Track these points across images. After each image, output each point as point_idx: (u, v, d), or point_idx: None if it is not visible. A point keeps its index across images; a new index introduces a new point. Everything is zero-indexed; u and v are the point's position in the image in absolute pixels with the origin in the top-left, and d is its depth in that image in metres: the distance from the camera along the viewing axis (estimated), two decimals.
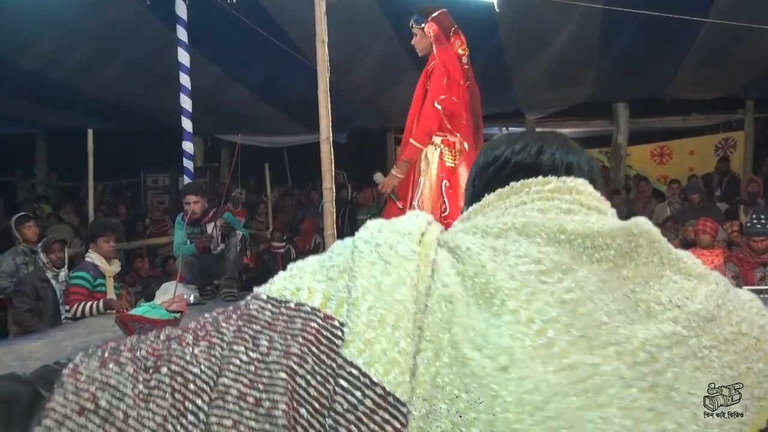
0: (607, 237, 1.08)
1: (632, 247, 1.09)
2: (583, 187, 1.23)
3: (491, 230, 1.14)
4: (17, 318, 6.78)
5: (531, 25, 9.45)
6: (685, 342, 1.02)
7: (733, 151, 14.42)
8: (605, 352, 0.98)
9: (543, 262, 1.05)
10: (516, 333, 0.98)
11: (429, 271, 1.06)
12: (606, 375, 0.96)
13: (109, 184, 16.09)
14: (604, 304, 1.01)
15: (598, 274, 1.05)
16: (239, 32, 8.92)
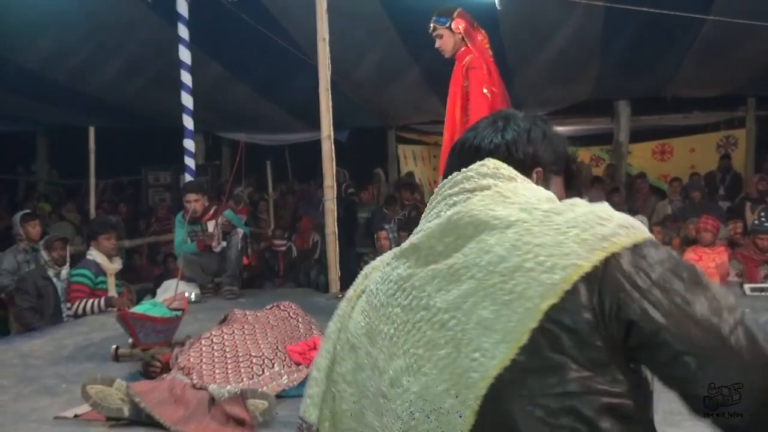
0: (431, 239, 1.34)
1: (452, 236, 1.31)
2: (473, 171, 1.41)
3: (397, 252, 1.41)
4: (19, 316, 6.78)
5: (532, 23, 9.44)
6: (478, 290, 1.23)
7: (735, 149, 14.40)
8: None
9: (395, 282, 1.35)
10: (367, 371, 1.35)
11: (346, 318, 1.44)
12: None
13: (110, 181, 16.08)
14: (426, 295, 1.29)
15: (429, 272, 1.31)
16: (240, 30, 8.91)
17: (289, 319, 4.22)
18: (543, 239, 1.21)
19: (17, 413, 3.35)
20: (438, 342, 1.24)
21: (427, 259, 1.32)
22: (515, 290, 1.19)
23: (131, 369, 4.07)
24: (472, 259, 1.26)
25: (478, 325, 1.20)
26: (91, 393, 3.08)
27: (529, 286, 1.18)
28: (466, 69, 4.78)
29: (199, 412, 3.09)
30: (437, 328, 1.25)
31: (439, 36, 4.81)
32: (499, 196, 1.32)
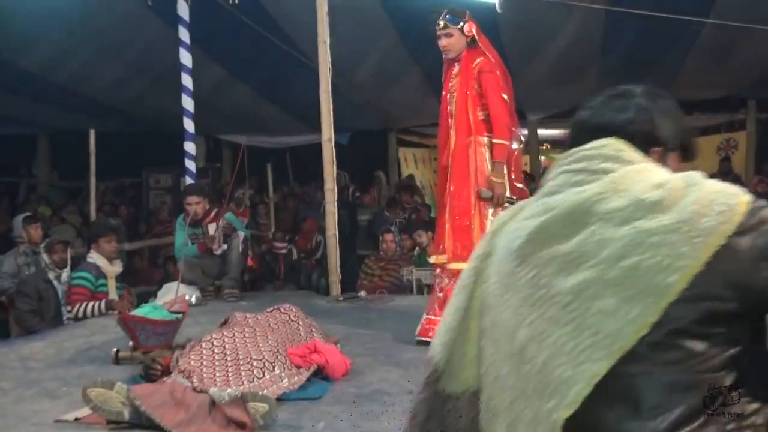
0: (552, 223, 1.49)
1: (570, 222, 1.46)
2: (596, 151, 1.56)
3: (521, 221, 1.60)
4: (19, 319, 6.78)
5: (532, 26, 9.44)
6: (598, 282, 1.38)
7: (735, 152, 14.39)
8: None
9: (519, 255, 1.52)
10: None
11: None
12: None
13: (111, 184, 16.08)
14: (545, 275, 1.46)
15: (548, 254, 1.47)
16: (241, 32, 8.92)
17: (290, 322, 4.22)
18: (656, 239, 1.36)
19: (18, 416, 3.35)
20: (560, 320, 1.41)
21: (547, 241, 1.48)
22: (636, 286, 1.35)
23: (132, 372, 4.07)
24: (589, 250, 1.42)
25: (599, 313, 1.37)
26: (91, 396, 3.08)
27: (648, 286, 1.34)
28: (477, 72, 4.77)
29: (200, 415, 3.09)
30: (559, 308, 1.42)
31: (449, 35, 4.78)
32: (616, 185, 1.46)
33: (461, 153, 4.76)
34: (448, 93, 4.94)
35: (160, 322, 4.38)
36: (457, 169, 4.76)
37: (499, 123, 4.75)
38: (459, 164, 4.75)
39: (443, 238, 4.85)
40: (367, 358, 4.29)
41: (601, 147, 1.56)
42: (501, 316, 1.52)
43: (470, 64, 4.80)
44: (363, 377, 3.84)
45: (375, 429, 3.00)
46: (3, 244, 8.94)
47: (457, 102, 4.78)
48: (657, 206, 1.39)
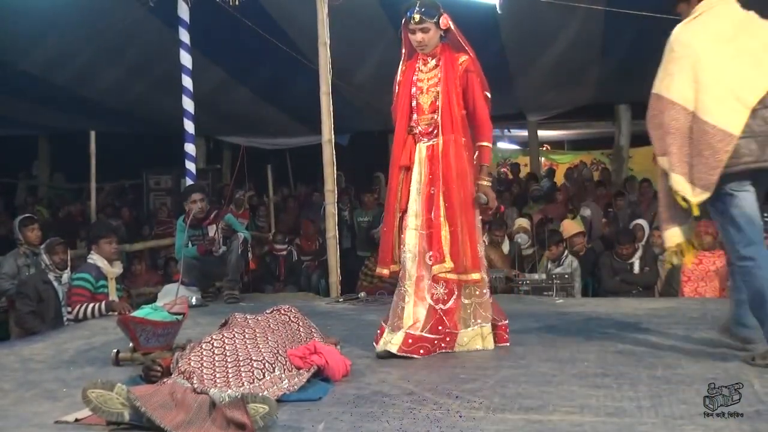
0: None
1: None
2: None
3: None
4: (19, 320, 6.78)
5: (533, 27, 9.44)
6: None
7: None
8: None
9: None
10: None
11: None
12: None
13: (111, 185, 16.10)
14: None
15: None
16: (241, 34, 8.92)
17: (290, 323, 4.22)
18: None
19: (18, 417, 3.35)
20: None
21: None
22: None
23: (132, 373, 4.06)
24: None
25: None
26: (91, 397, 3.07)
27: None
28: (464, 71, 4.58)
29: (200, 417, 3.08)
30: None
31: (426, 30, 4.54)
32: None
33: (446, 152, 4.52)
34: (417, 88, 4.65)
35: (160, 323, 4.38)
36: (445, 169, 4.50)
37: (486, 125, 4.62)
38: (446, 164, 4.51)
39: (435, 245, 4.45)
40: (367, 359, 4.29)
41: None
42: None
43: (455, 62, 4.60)
44: (363, 378, 3.84)
45: (375, 430, 3.00)
46: (3, 246, 8.95)
47: (443, 99, 4.56)
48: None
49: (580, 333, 4.90)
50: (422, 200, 4.56)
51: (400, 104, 4.73)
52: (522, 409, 3.20)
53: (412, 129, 4.66)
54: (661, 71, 3.98)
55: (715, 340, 4.50)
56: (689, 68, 3.82)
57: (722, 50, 3.82)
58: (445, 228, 4.47)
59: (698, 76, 3.78)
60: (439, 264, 4.44)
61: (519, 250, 9.09)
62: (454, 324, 4.47)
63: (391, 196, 4.69)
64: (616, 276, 8.14)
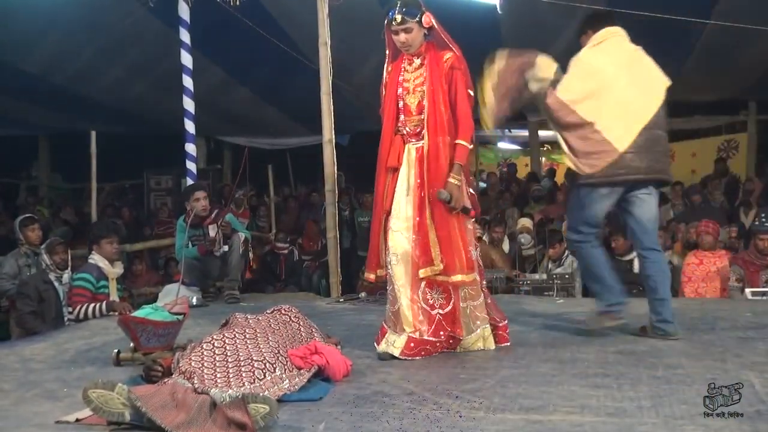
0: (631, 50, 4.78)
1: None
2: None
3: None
4: (20, 320, 6.78)
5: (533, 27, 9.44)
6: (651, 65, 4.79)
7: (736, 153, 14.41)
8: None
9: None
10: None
11: None
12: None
13: (111, 185, 16.11)
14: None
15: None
16: (242, 34, 8.92)
17: (290, 323, 4.22)
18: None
19: (18, 417, 3.35)
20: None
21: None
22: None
23: (132, 373, 4.06)
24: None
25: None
26: (92, 397, 3.08)
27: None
28: (449, 68, 4.46)
29: (201, 417, 3.09)
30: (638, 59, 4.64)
31: (409, 30, 4.41)
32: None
33: (435, 154, 4.41)
34: (403, 89, 4.55)
35: (160, 323, 4.38)
36: (434, 172, 4.38)
37: (465, 123, 4.45)
38: (435, 166, 4.39)
39: (422, 248, 4.38)
40: (368, 360, 4.29)
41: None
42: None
43: (440, 60, 4.49)
44: (364, 378, 3.84)
45: (375, 430, 3.00)
46: (3, 246, 8.96)
47: (429, 99, 4.44)
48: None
49: (580, 333, 4.90)
50: (414, 203, 4.46)
51: (387, 106, 4.63)
52: (522, 409, 3.20)
53: (400, 130, 4.58)
54: (567, 83, 4.67)
55: (715, 340, 4.51)
56: (594, 86, 4.57)
57: (620, 76, 4.59)
58: (432, 231, 4.38)
59: (600, 95, 4.53)
60: (428, 267, 4.37)
61: (520, 250, 9.09)
62: (458, 329, 4.43)
63: (378, 198, 4.62)
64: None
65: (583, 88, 4.59)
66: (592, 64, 4.70)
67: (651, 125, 4.56)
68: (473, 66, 4.78)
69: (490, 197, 12.94)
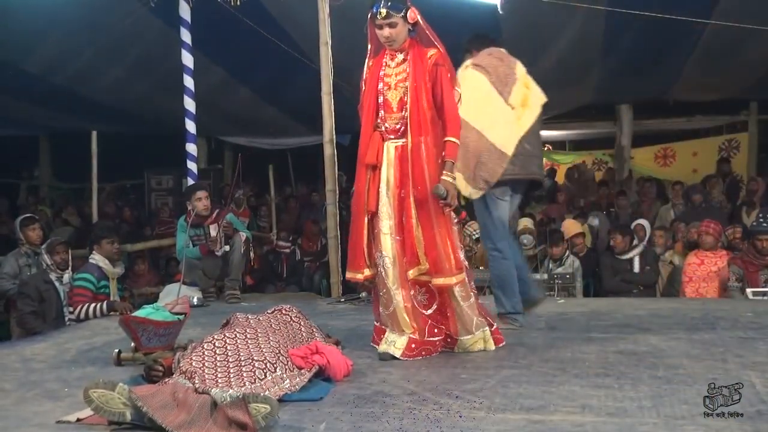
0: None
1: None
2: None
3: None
4: (21, 320, 6.78)
5: (534, 27, 9.44)
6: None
7: (737, 153, 14.40)
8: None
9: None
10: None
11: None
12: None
13: (111, 185, 16.10)
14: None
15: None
16: (243, 34, 8.93)
17: (291, 323, 4.22)
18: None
19: (19, 417, 3.35)
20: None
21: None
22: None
23: (133, 373, 4.07)
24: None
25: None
26: (93, 397, 3.08)
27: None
28: (432, 65, 4.37)
29: (201, 417, 3.09)
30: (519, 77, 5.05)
31: (393, 24, 4.33)
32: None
33: (417, 153, 4.34)
34: (384, 84, 4.47)
35: (161, 323, 4.38)
36: (417, 171, 4.32)
37: (453, 120, 4.38)
38: (418, 165, 4.33)
39: (409, 248, 4.34)
40: (369, 360, 4.29)
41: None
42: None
43: (424, 56, 4.41)
44: (364, 378, 3.84)
45: (376, 430, 3.00)
46: (3, 246, 8.96)
47: (412, 96, 4.36)
48: None
49: (581, 333, 4.90)
50: (393, 203, 4.40)
51: (366, 101, 4.55)
52: (523, 409, 3.20)
53: (379, 126, 4.49)
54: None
55: (716, 340, 4.51)
56: (482, 98, 4.95)
57: (503, 90, 4.99)
58: (418, 231, 4.32)
59: (488, 107, 4.96)
60: (415, 267, 4.33)
61: (521, 250, 9.08)
62: (452, 328, 4.43)
63: (359, 197, 4.53)
64: (617, 276, 8.14)
65: (472, 102, 4.87)
66: (476, 80, 5.02)
67: (527, 137, 5.04)
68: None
69: None
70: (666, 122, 15.31)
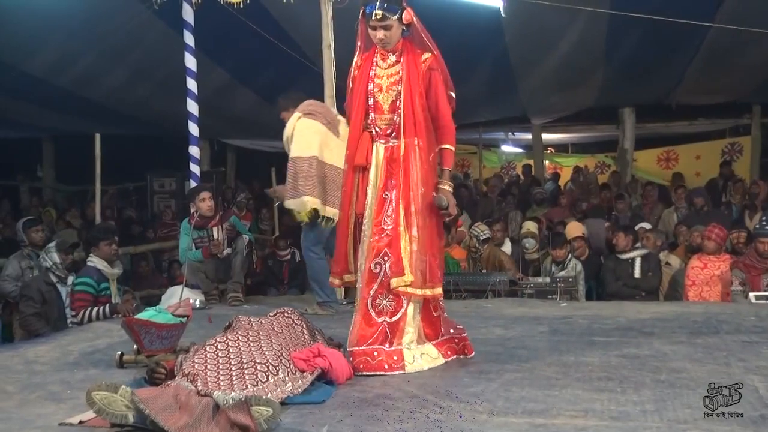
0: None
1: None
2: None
3: None
4: (23, 322, 6.78)
5: (537, 30, 9.45)
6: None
7: (740, 156, 14.40)
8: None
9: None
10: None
11: None
12: None
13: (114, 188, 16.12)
14: None
15: None
16: (246, 37, 8.94)
17: (293, 326, 4.21)
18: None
19: (22, 419, 3.35)
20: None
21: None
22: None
23: (136, 375, 4.07)
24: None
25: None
26: (95, 399, 3.08)
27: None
28: (427, 69, 4.25)
29: (204, 419, 3.09)
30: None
31: (388, 27, 4.23)
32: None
33: (407, 156, 4.22)
34: (375, 85, 4.38)
35: (164, 325, 4.38)
36: (407, 176, 4.18)
37: (448, 127, 4.31)
38: (408, 170, 4.20)
39: (394, 256, 4.13)
40: None
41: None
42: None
43: (418, 59, 4.29)
44: (366, 381, 3.84)
45: None
46: (6, 248, 8.97)
47: (405, 100, 4.24)
48: None
49: (583, 337, 4.90)
50: (375, 204, 4.26)
51: (355, 101, 4.43)
52: (526, 412, 3.20)
53: (369, 127, 4.36)
54: (300, 144, 6.33)
55: (719, 344, 4.50)
56: (322, 138, 6.28)
57: (334, 129, 6.37)
58: (404, 238, 4.14)
59: (330, 143, 6.24)
60: (398, 277, 4.12)
61: (523, 253, 9.07)
62: (400, 340, 4.16)
63: (345, 199, 4.42)
64: (619, 280, 8.13)
65: (314, 141, 6.25)
66: (312, 125, 6.33)
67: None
68: (478, 67, 4.77)
69: (491, 200, 12.94)
70: (669, 125, 15.31)
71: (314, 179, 6.12)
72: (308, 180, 6.12)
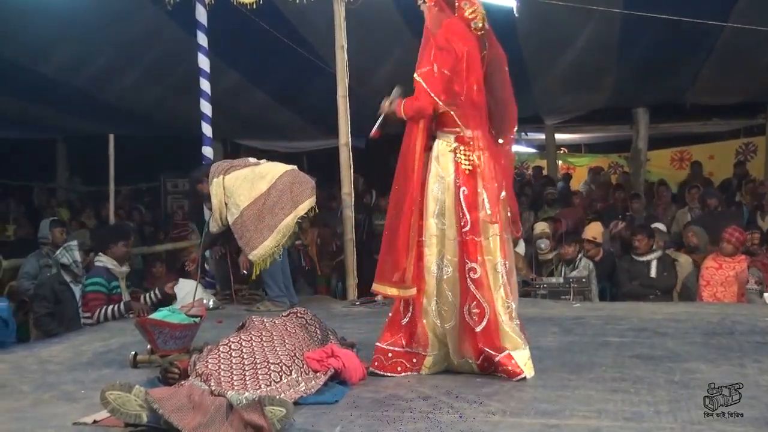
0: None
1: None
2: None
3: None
4: (38, 322, 6.81)
5: (550, 30, 9.42)
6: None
7: (754, 156, 14.31)
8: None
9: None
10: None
11: None
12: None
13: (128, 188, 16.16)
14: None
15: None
16: (259, 38, 8.95)
17: (307, 326, 4.22)
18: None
19: (36, 419, 3.37)
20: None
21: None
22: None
23: (150, 375, 4.08)
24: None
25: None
26: (110, 399, 3.09)
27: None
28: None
29: (217, 419, 3.09)
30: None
31: (423, 12, 4.20)
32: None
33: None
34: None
35: (178, 325, 4.40)
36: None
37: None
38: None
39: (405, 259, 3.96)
40: None
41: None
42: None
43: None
44: (379, 382, 3.84)
45: None
46: (21, 248, 9.01)
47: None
48: None
49: (597, 337, 4.88)
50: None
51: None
52: (539, 413, 3.19)
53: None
54: (236, 197, 6.45)
55: (734, 344, 4.48)
56: (246, 182, 6.51)
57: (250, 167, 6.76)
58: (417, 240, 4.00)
59: (251, 184, 6.52)
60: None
61: (536, 253, 9.05)
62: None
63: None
64: (634, 280, 8.09)
65: (244, 189, 6.47)
66: (237, 176, 6.52)
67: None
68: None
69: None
70: (682, 125, 15.24)
71: (260, 223, 6.37)
72: (258, 226, 6.37)
